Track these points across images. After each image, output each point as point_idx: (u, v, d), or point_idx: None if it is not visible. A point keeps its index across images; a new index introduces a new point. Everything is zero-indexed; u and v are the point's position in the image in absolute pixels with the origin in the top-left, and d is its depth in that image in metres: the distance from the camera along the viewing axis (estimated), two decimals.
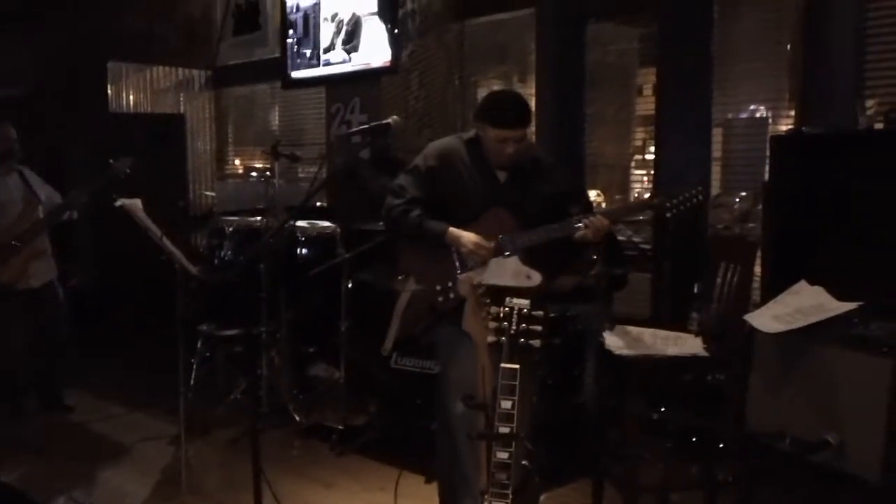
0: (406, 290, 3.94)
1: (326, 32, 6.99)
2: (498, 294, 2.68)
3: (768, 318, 2.90)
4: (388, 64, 6.44)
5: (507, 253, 3.32)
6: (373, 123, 3.55)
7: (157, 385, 5.31)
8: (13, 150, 5.37)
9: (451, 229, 3.38)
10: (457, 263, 3.41)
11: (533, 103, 6.06)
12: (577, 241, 3.31)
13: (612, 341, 3.57)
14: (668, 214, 3.21)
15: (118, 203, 4.05)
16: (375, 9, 6.51)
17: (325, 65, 7.02)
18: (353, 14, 6.72)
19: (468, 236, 3.35)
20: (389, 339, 4.82)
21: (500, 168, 3.44)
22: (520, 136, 3.33)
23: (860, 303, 2.77)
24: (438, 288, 3.43)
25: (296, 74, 7.28)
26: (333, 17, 6.91)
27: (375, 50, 6.54)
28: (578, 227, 3.24)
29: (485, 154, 3.42)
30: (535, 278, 3.20)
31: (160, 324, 5.05)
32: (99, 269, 7.46)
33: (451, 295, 3.39)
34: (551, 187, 3.47)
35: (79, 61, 8.04)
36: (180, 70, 8.52)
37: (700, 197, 3.21)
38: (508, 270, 3.25)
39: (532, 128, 5.90)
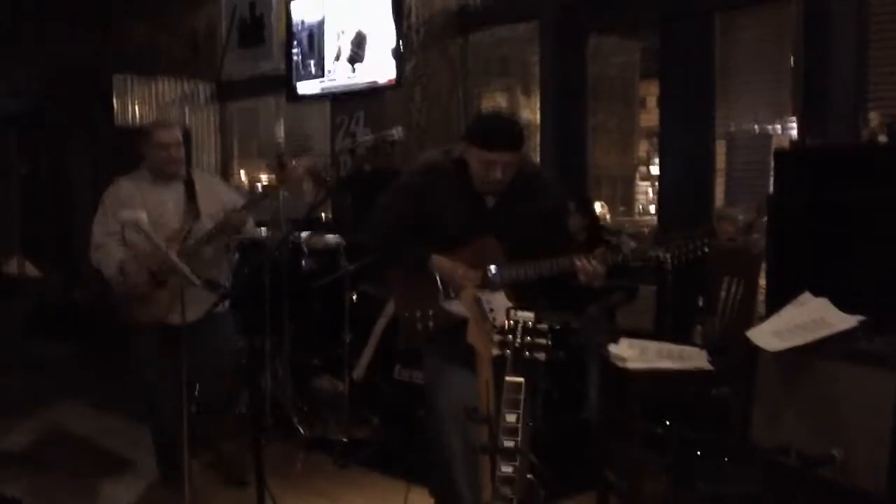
0: (382, 317, 3.82)
1: (331, 48, 7.02)
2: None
3: (768, 335, 2.89)
4: (391, 78, 6.47)
5: (493, 285, 3.14)
6: (377, 136, 3.54)
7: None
8: (170, 158, 4.30)
9: (435, 256, 3.21)
10: (440, 290, 3.23)
11: (536, 116, 6.09)
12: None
13: (616, 355, 3.57)
14: (669, 267, 3.07)
15: (123, 216, 4.02)
16: (380, 24, 6.54)
17: (329, 79, 7.04)
18: (358, 31, 6.74)
19: (452, 268, 3.19)
20: (361, 367, 4.77)
21: (486, 193, 3.22)
22: (508, 160, 3.10)
23: (861, 317, 2.77)
24: (419, 314, 3.26)
25: (300, 88, 7.31)
26: (339, 35, 6.94)
27: (379, 64, 6.56)
28: (572, 266, 3.05)
29: (472, 177, 3.20)
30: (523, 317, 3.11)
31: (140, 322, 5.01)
32: (101, 281, 7.47)
33: (431, 324, 3.23)
34: (546, 206, 3.27)
35: (84, 74, 8.08)
36: (185, 83, 8.55)
37: (705, 248, 3.02)
38: (495, 305, 3.08)
39: (534, 143, 5.97)
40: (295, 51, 7.33)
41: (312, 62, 7.19)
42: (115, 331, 5.18)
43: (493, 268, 3.15)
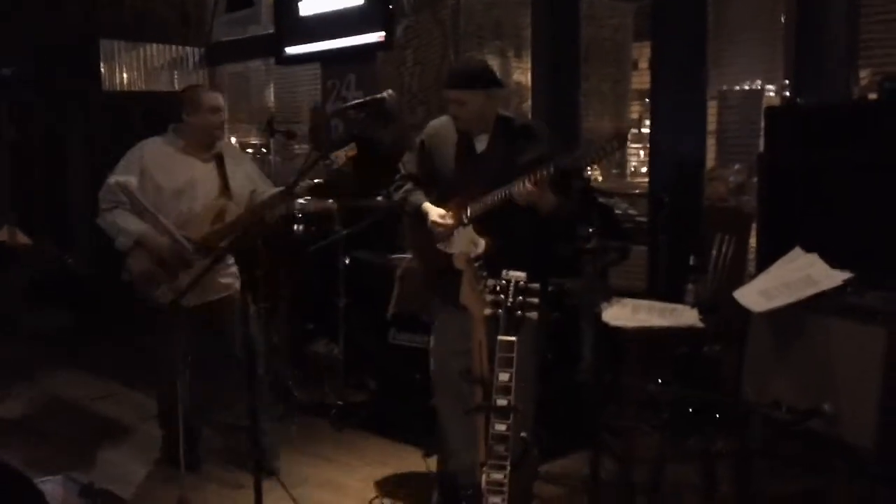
0: (406, 259, 4.05)
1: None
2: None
3: (755, 294, 2.90)
4: (382, 40, 6.41)
5: (465, 222, 3.39)
6: (367, 98, 3.56)
7: (155, 364, 5.32)
8: (215, 126, 4.07)
9: (425, 205, 3.49)
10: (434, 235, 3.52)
11: (528, 79, 6.06)
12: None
13: (609, 314, 3.58)
14: (588, 170, 3.16)
15: (112, 180, 4.00)
16: None
17: (319, 40, 6.98)
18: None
19: (432, 212, 3.46)
20: (392, 304, 4.94)
21: (463, 131, 3.46)
22: (457, 97, 3.34)
23: (848, 274, 2.78)
24: (420, 259, 3.62)
25: (290, 50, 7.24)
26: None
27: (370, 26, 6.50)
28: (513, 190, 3.19)
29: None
30: (480, 245, 3.32)
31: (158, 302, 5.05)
32: (96, 249, 7.46)
33: (427, 267, 3.55)
34: (539, 152, 3.33)
35: (72, 40, 8.00)
36: (174, 48, 8.46)
37: (614, 146, 3.08)
38: (463, 239, 3.39)
39: (527, 106, 5.94)
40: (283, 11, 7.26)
41: (301, 24, 7.12)
42: (111, 299, 5.15)
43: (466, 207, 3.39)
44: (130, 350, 6.24)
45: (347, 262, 5.14)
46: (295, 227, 5.82)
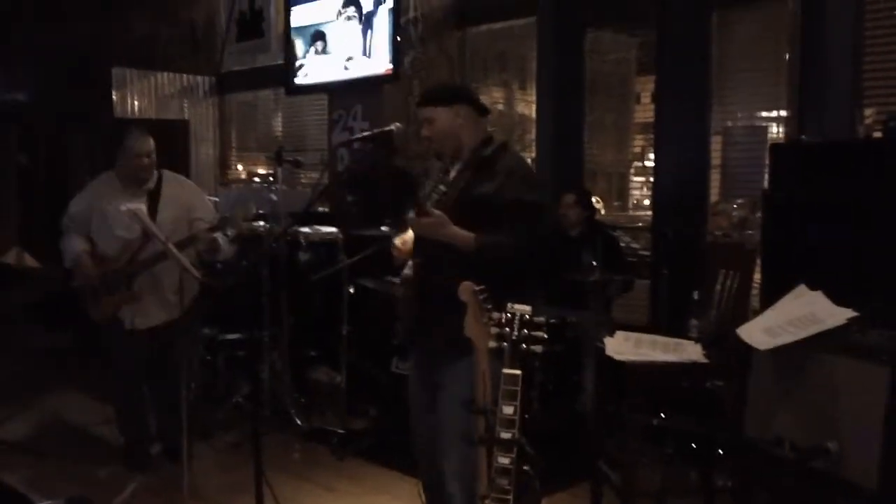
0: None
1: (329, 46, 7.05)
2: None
3: (759, 332, 2.89)
4: (389, 71, 6.48)
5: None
6: (375, 131, 3.57)
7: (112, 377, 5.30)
8: (140, 168, 4.42)
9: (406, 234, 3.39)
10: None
11: (533, 111, 6.11)
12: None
13: (612, 347, 3.59)
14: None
15: (123, 208, 4.07)
16: (378, 16, 6.54)
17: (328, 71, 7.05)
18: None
19: (397, 239, 3.36)
20: (398, 330, 4.98)
21: (439, 156, 3.32)
22: (425, 115, 3.18)
23: (852, 313, 2.78)
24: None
25: (299, 81, 7.32)
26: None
27: (377, 57, 6.57)
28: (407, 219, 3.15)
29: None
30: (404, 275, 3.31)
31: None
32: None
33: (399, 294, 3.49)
34: (500, 190, 3.06)
35: (83, 67, 8.08)
36: (184, 76, 8.56)
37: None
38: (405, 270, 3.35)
39: (531, 138, 5.99)
40: (293, 43, 7.34)
41: (310, 57, 7.19)
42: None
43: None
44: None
45: (351, 290, 5.16)
46: (299, 254, 5.85)
